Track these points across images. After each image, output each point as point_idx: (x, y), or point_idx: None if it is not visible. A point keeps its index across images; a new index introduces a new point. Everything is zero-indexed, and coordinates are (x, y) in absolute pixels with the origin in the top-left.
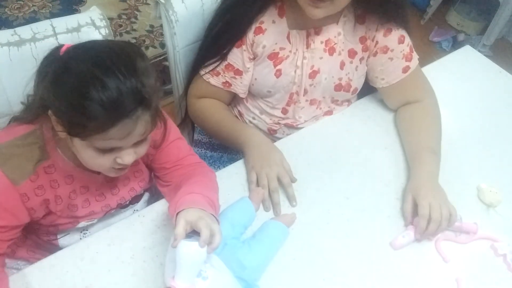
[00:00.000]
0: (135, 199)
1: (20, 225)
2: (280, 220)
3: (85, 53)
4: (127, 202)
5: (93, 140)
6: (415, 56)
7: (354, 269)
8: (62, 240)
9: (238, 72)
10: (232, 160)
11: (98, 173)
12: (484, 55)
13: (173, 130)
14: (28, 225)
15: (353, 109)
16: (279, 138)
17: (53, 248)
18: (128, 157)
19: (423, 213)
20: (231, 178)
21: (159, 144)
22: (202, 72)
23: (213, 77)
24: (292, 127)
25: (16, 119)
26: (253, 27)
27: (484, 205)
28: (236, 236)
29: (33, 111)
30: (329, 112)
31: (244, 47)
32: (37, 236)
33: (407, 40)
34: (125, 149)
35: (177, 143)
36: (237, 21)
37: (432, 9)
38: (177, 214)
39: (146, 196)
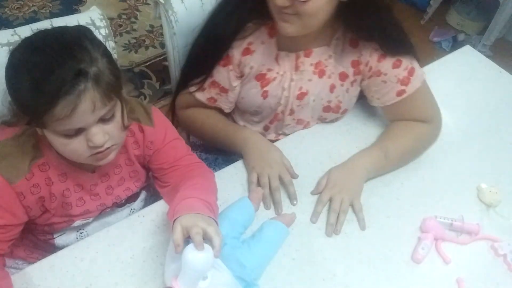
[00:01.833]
0: (132, 198)
1: (19, 224)
2: (279, 220)
3: (22, 42)
4: (123, 201)
5: (50, 125)
6: (416, 79)
7: (354, 269)
8: (58, 240)
9: (224, 90)
10: (227, 162)
11: (93, 171)
12: (484, 55)
13: (171, 130)
14: (25, 225)
15: (354, 110)
16: None
17: (50, 247)
18: (96, 137)
19: (320, 200)
20: (230, 178)
21: (154, 144)
22: (189, 86)
23: (198, 92)
24: (273, 141)
25: (4, 123)
26: (241, 48)
27: (484, 205)
28: (235, 236)
29: (15, 112)
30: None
31: (230, 66)
32: (33, 236)
33: (405, 64)
34: (89, 129)
35: (175, 143)
36: (220, 39)
37: (432, 9)
38: (174, 221)
39: (143, 194)
